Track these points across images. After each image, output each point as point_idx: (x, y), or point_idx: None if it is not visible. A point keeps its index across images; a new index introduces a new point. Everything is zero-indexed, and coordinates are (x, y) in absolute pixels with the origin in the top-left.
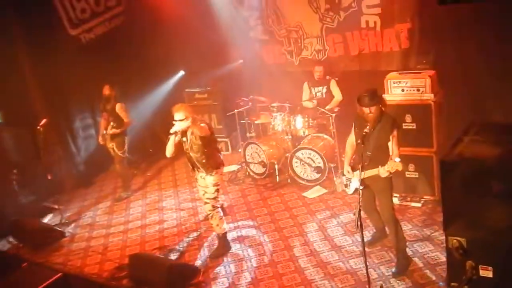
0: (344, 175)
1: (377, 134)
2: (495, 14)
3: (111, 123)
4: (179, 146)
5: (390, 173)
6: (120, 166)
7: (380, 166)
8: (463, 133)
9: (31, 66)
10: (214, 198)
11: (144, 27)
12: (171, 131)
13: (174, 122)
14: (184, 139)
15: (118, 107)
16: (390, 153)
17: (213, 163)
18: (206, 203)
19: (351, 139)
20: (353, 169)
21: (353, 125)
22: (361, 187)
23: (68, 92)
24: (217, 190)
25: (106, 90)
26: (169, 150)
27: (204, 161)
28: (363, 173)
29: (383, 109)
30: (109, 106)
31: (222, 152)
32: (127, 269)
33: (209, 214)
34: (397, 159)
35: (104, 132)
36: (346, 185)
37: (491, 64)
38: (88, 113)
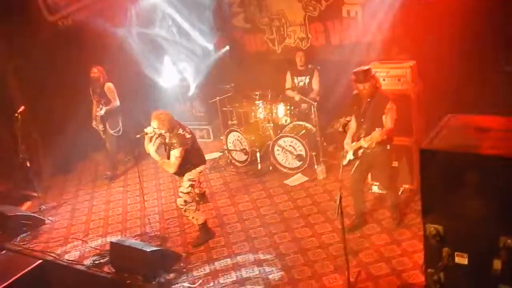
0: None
1: (373, 109)
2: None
3: (101, 105)
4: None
5: (378, 144)
6: (110, 145)
7: (362, 138)
8: (443, 124)
9: (8, 53)
10: (188, 193)
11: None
12: (145, 130)
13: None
14: (163, 140)
15: (107, 88)
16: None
17: (185, 171)
18: (179, 196)
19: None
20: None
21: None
22: (353, 158)
23: (46, 79)
24: (192, 186)
25: (94, 72)
26: (147, 149)
27: (178, 170)
28: (355, 143)
29: (377, 86)
30: (98, 88)
31: (204, 140)
32: (108, 256)
33: (181, 208)
34: (377, 129)
35: (96, 114)
36: (343, 157)
37: (471, 56)
38: (66, 100)
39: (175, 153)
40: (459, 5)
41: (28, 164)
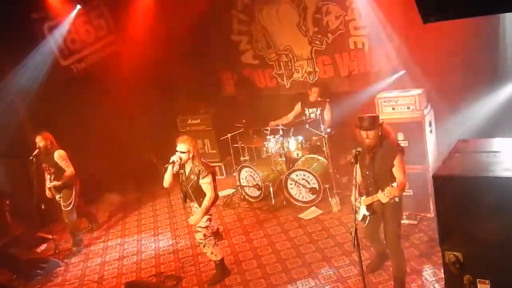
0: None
1: (379, 161)
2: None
3: (52, 175)
4: (176, 176)
5: (392, 198)
6: (68, 220)
7: (380, 191)
8: (454, 149)
9: (23, 98)
10: (206, 227)
11: (136, 54)
12: (171, 160)
13: (176, 152)
14: (182, 171)
15: (57, 156)
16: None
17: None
18: (197, 231)
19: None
20: (360, 195)
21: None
22: (368, 213)
23: (60, 123)
24: (209, 219)
25: (40, 141)
26: (167, 180)
27: (201, 199)
28: (367, 198)
29: (383, 135)
30: (47, 156)
31: (216, 177)
32: None
33: (201, 243)
34: (394, 184)
35: (48, 185)
36: (356, 212)
37: (479, 80)
38: (80, 143)
39: (207, 180)
40: (466, 27)
41: (42, 207)
